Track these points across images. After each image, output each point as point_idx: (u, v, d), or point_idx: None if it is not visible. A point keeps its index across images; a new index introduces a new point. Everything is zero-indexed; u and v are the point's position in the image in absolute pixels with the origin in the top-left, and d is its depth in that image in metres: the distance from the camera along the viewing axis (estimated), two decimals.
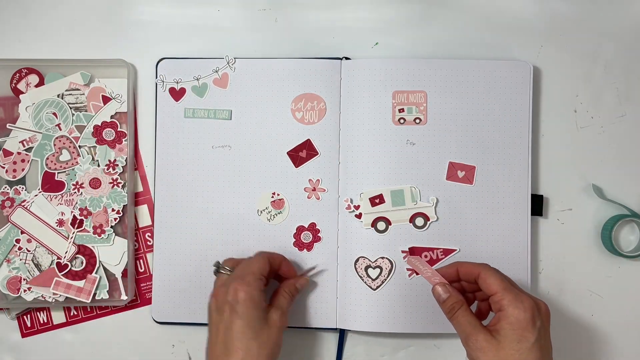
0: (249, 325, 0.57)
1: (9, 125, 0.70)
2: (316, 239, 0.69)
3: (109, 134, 0.70)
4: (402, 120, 0.69)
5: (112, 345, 0.71)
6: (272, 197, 0.69)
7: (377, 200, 0.68)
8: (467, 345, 0.55)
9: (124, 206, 0.70)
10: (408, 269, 0.68)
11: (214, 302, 0.59)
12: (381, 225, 0.68)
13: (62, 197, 0.70)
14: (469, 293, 0.61)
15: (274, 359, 0.58)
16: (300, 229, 0.69)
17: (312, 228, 0.69)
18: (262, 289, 0.60)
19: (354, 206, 0.68)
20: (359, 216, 0.68)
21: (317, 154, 0.69)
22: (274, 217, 0.69)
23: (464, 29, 0.72)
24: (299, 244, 0.69)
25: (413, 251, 0.68)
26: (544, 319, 0.54)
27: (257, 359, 0.56)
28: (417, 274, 0.67)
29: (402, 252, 0.68)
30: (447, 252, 0.68)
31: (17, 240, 0.69)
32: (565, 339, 0.70)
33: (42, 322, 0.71)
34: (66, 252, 0.69)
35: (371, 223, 0.68)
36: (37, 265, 0.69)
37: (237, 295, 0.58)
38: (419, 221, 0.68)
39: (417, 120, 0.69)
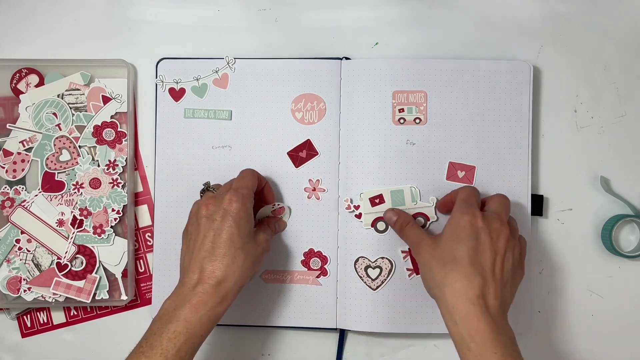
0: (239, 235, 0.58)
1: (9, 125, 0.70)
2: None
3: (109, 134, 0.70)
4: (402, 120, 0.69)
5: (112, 345, 0.71)
6: (273, 206, 0.68)
7: (377, 200, 0.68)
8: (416, 250, 0.60)
9: (124, 206, 0.70)
10: (408, 269, 0.68)
11: (204, 210, 0.59)
12: (381, 225, 0.68)
13: (62, 197, 0.70)
14: None
15: (254, 274, 0.61)
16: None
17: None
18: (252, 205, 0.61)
19: (354, 206, 0.68)
20: (358, 216, 0.68)
21: (317, 154, 0.69)
22: None
23: (464, 28, 0.72)
24: None
25: None
26: (495, 236, 0.57)
27: (241, 269, 0.57)
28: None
29: (402, 252, 0.68)
30: None
31: (17, 240, 0.69)
32: (565, 339, 0.70)
33: (42, 322, 0.71)
34: (66, 252, 0.69)
35: (371, 223, 0.68)
36: (37, 265, 0.69)
37: (231, 205, 0.58)
38: (419, 221, 0.68)
39: (417, 120, 0.69)
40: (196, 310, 0.55)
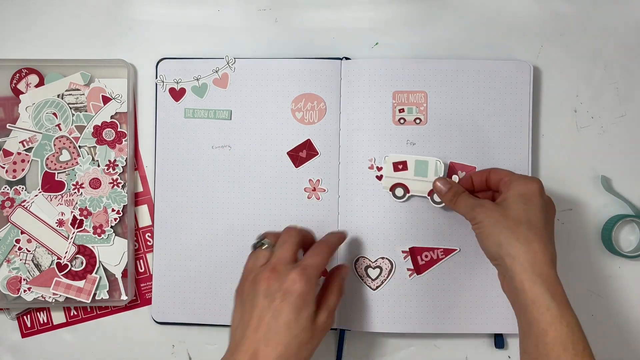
0: (297, 320, 0.53)
1: (9, 126, 0.70)
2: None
3: (109, 134, 0.70)
4: (402, 121, 0.69)
5: (112, 345, 0.71)
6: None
7: (400, 166, 0.67)
8: (474, 215, 0.58)
9: (124, 206, 0.70)
10: (408, 269, 0.68)
11: (263, 284, 0.54)
12: (399, 191, 0.67)
13: (62, 197, 0.70)
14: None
15: (310, 356, 0.56)
16: None
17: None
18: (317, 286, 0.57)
19: (377, 167, 0.68)
20: (379, 177, 0.68)
21: (317, 154, 0.69)
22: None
23: (464, 29, 0.72)
24: None
25: (413, 251, 0.68)
26: (549, 207, 0.59)
27: (294, 357, 0.53)
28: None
29: (402, 252, 0.68)
30: (447, 251, 0.68)
31: (17, 241, 0.69)
32: None
33: (42, 322, 0.71)
34: (66, 252, 0.69)
35: (390, 187, 0.67)
36: (37, 266, 0.69)
37: (294, 286, 0.54)
38: (438, 197, 0.66)
39: (417, 121, 0.69)
40: None
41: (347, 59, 0.70)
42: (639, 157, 0.71)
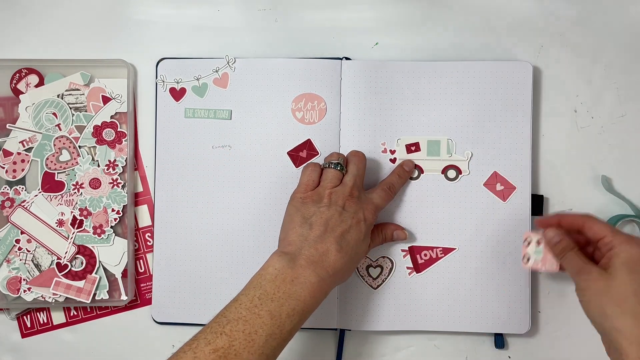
0: (362, 242, 0.61)
1: (9, 126, 0.70)
2: None
3: (109, 134, 0.70)
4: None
5: (112, 345, 0.71)
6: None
7: (413, 148, 0.68)
8: (578, 280, 0.57)
9: (124, 206, 0.70)
10: (408, 267, 0.68)
11: (341, 202, 0.61)
12: (414, 172, 0.68)
13: (62, 197, 0.70)
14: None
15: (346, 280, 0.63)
16: None
17: None
18: None
19: (390, 150, 0.68)
20: (393, 160, 0.68)
21: (318, 154, 0.69)
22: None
23: (463, 29, 0.72)
24: None
25: (412, 250, 0.68)
26: None
27: (348, 272, 0.61)
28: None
29: (402, 250, 0.68)
30: (446, 250, 0.68)
31: (17, 241, 0.69)
32: (565, 339, 0.70)
33: (42, 322, 0.71)
34: (66, 253, 0.69)
35: None
36: (37, 266, 0.69)
37: (369, 216, 0.62)
38: (451, 173, 0.68)
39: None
40: (313, 295, 0.56)
41: (347, 59, 0.70)
42: (639, 157, 0.71)
